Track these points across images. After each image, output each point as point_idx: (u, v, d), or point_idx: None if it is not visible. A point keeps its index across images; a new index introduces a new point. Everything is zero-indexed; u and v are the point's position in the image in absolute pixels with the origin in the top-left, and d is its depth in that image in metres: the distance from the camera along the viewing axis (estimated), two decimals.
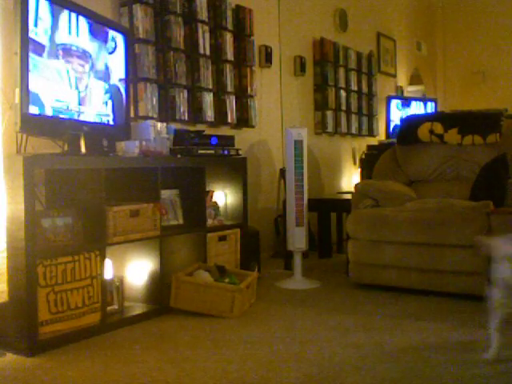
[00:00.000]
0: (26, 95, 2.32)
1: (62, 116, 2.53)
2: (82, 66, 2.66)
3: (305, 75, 5.13)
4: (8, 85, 2.58)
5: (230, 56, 4.10)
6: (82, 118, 2.66)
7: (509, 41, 7.66)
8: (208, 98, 3.88)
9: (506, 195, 3.37)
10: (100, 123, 2.79)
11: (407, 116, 4.61)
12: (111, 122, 2.90)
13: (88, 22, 2.69)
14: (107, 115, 2.85)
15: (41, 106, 2.41)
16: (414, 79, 7.22)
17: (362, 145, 5.89)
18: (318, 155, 5.29)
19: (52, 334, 2.40)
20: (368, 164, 4.98)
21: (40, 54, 2.40)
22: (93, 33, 2.73)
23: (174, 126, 3.40)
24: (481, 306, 1.85)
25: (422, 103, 6.37)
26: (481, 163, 3.71)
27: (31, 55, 2.34)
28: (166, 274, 2.93)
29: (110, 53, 2.91)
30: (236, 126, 4.22)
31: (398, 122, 6.10)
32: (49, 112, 2.46)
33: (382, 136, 6.27)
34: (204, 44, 3.87)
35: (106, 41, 2.84)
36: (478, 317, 1.87)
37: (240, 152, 3.54)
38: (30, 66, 2.34)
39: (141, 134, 3.05)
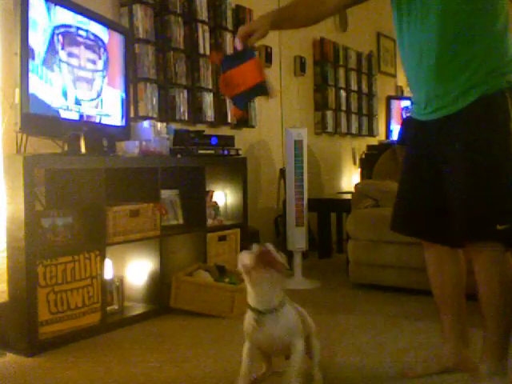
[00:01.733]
0: (26, 95, 2.32)
1: (61, 116, 2.53)
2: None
3: (305, 75, 5.13)
4: (8, 85, 2.58)
5: None
6: (82, 117, 2.66)
7: None
8: (208, 98, 3.88)
9: None
10: (100, 123, 2.79)
11: (407, 116, 4.61)
12: (118, 123, 2.91)
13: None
14: (108, 115, 2.85)
15: (41, 105, 2.42)
16: None
17: (361, 145, 5.89)
18: (318, 155, 5.29)
19: (52, 334, 2.40)
20: (368, 164, 4.99)
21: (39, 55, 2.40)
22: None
23: (174, 126, 3.40)
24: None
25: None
26: None
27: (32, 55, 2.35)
28: (166, 274, 2.93)
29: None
30: (236, 126, 4.22)
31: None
32: (49, 112, 2.46)
33: (381, 136, 6.27)
34: (204, 44, 3.87)
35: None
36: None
37: (240, 152, 3.54)
38: (30, 66, 2.34)
39: (141, 134, 3.05)
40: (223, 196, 3.61)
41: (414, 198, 1.99)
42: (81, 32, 2.63)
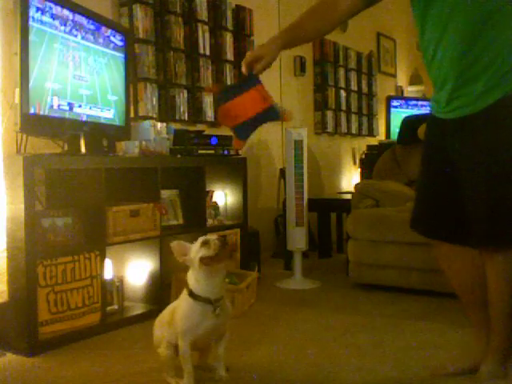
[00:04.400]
0: (26, 95, 2.32)
1: (61, 116, 2.53)
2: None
3: (305, 75, 5.13)
4: (8, 85, 2.58)
5: (229, 56, 4.10)
6: (82, 117, 2.66)
7: None
8: (208, 98, 3.88)
9: None
10: (100, 123, 2.79)
11: (407, 116, 4.60)
12: (118, 123, 2.91)
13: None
14: (108, 115, 2.84)
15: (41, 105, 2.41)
16: (414, 79, 7.22)
17: (361, 145, 5.89)
18: (318, 155, 5.29)
19: (52, 334, 2.40)
20: (368, 164, 4.98)
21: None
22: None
23: (174, 126, 3.40)
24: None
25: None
26: None
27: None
28: (165, 274, 2.93)
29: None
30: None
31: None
32: (49, 112, 2.46)
33: (381, 136, 6.27)
34: (204, 44, 3.87)
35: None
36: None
37: (240, 152, 3.54)
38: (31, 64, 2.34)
39: (141, 134, 3.05)
40: (223, 196, 3.61)
41: (431, 197, 1.97)
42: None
